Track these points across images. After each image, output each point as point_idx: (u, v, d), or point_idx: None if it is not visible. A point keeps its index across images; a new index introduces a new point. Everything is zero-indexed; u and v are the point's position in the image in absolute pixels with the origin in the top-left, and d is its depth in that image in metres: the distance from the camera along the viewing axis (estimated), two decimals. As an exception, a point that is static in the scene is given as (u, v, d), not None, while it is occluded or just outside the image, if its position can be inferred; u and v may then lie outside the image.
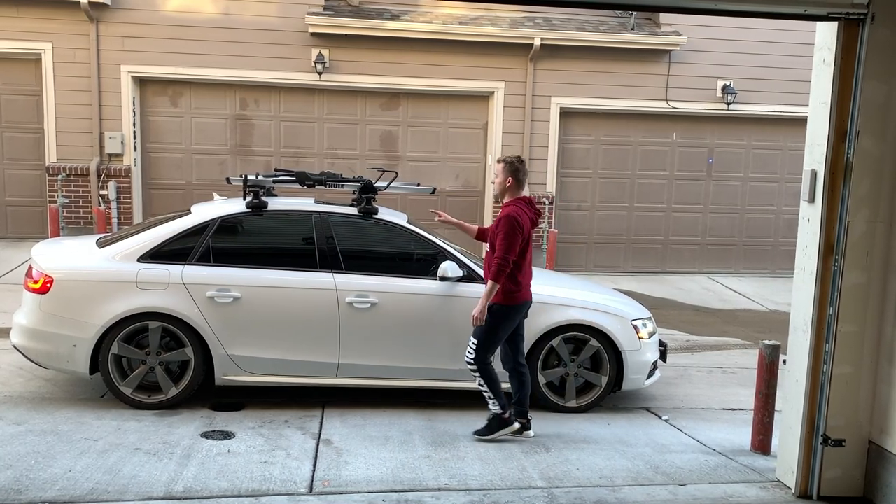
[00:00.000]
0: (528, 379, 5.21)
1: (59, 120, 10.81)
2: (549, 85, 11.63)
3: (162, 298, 5.30)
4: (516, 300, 4.97)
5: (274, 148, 11.53)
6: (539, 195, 11.72)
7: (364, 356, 5.52)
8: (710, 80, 11.95)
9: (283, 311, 5.44)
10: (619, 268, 12.38)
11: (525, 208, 5.00)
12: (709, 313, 10.23)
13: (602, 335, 5.78)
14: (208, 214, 5.61)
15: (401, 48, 11.22)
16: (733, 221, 12.67)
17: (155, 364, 5.35)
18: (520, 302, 5.00)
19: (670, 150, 12.37)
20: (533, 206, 5.09)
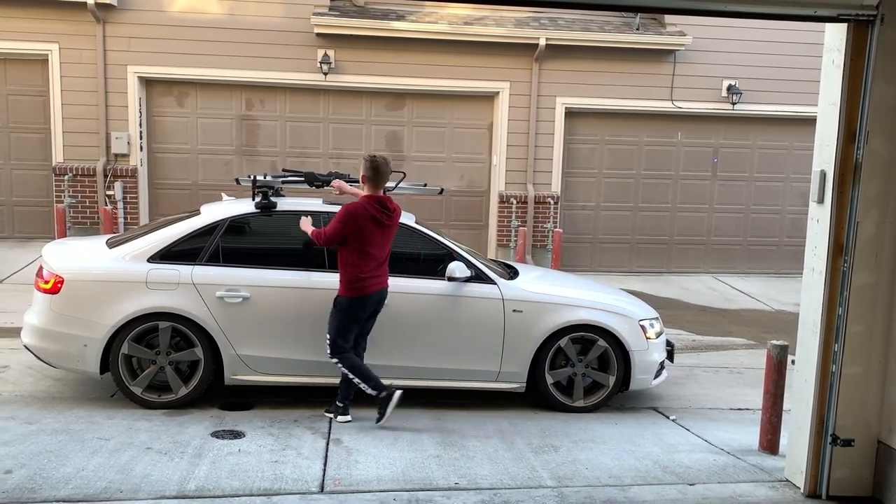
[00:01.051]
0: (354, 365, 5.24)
1: (66, 120, 10.85)
2: (554, 85, 11.64)
3: (172, 298, 5.33)
4: (359, 292, 5.09)
5: (279, 148, 11.56)
6: (544, 195, 11.75)
7: (372, 356, 5.53)
8: (715, 80, 11.96)
9: (292, 311, 5.46)
10: (624, 268, 12.39)
11: (374, 207, 5.04)
12: (714, 313, 10.24)
13: (610, 335, 5.80)
14: (218, 215, 5.64)
15: (406, 48, 11.24)
16: (738, 221, 12.67)
17: (165, 364, 5.38)
18: (362, 294, 5.10)
19: (675, 150, 12.38)
20: (385, 208, 5.12)
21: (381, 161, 5.14)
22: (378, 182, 5.14)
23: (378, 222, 5.06)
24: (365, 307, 5.16)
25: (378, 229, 5.08)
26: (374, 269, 5.12)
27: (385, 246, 5.19)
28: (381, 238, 5.12)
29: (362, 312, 5.18)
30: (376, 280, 5.17)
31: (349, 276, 5.07)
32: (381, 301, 5.27)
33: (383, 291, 5.26)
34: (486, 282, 5.72)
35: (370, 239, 5.04)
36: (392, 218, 5.18)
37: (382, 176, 5.15)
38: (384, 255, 5.21)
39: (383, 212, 5.09)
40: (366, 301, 5.14)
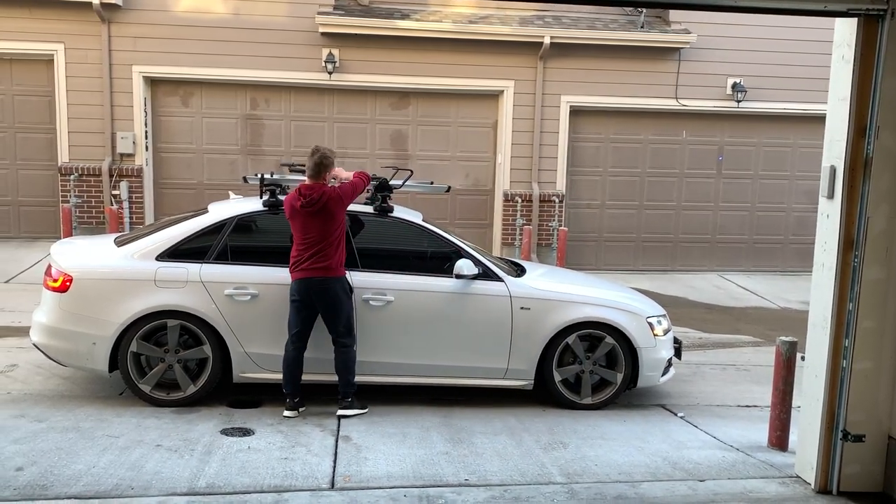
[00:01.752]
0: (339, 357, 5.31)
1: (72, 120, 10.87)
2: (559, 83, 11.64)
3: (180, 296, 5.34)
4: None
5: (284, 147, 11.57)
6: (549, 193, 11.74)
7: (380, 353, 5.54)
8: (720, 78, 11.94)
9: (300, 309, 5.46)
10: (629, 266, 12.38)
11: (294, 193, 5.25)
12: (720, 311, 10.23)
13: (617, 332, 5.79)
14: (225, 213, 5.64)
15: (411, 47, 11.24)
16: (743, 219, 12.66)
17: (173, 362, 5.38)
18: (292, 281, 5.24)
19: (680, 148, 12.36)
20: (300, 193, 5.18)
21: (312, 154, 5.27)
22: (307, 171, 5.30)
23: (293, 207, 5.19)
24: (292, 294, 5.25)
25: (295, 215, 5.21)
26: (294, 252, 5.24)
27: (298, 232, 5.24)
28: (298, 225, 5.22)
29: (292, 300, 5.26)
30: (295, 271, 5.23)
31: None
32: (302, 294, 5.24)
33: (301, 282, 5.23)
34: (494, 279, 5.72)
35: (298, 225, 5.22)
36: (301, 202, 5.17)
37: (307, 166, 5.28)
38: (300, 241, 5.23)
39: (298, 197, 5.18)
40: (292, 288, 5.25)
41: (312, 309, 5.24)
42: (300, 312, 5.24)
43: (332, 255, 5.18)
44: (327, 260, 5.15)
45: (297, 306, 5.23)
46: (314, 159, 5.19)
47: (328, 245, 5.16)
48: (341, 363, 5.33)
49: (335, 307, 5.24)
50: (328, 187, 5.21)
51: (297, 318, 5.24)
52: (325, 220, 5.14)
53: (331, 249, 5.17)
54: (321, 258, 5.14)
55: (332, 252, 5.17)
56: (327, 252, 5.15)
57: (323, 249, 5.15)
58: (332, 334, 5.31)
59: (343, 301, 5.25)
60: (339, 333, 5.30)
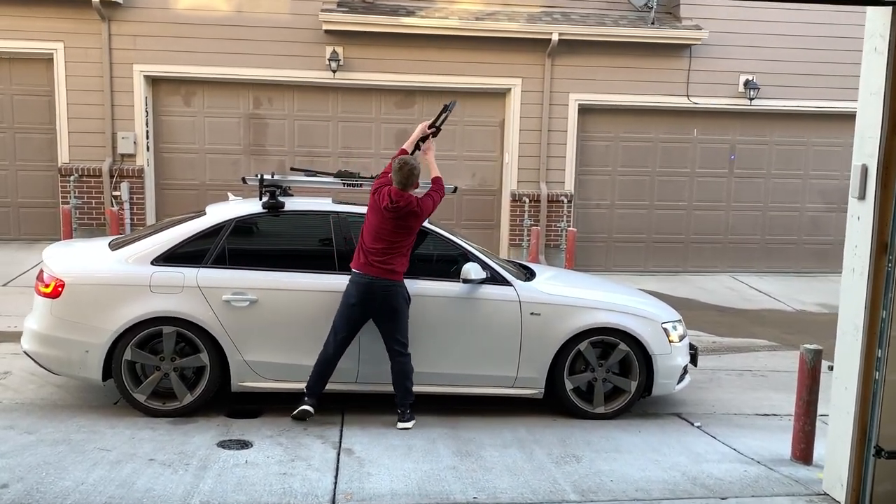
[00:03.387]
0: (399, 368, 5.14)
1: (72, 120, 10.70)
2: (568, 81, 11.40)
3: (176, 302, 5.13)
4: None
5: (288, 147, 11.37)
6: (557, 193, 11.51)
7: (385, 361, 5.30)
8: (731, 75, 11.68)
9: (300, 315, 5.25)
10: (639, 267, 12.13)
11: (384, 191, 5.17)
12: (734, 314, 9.97)
13: (631, 339, 5.56)
14: (223, 215, 5.43)
15: (416, 45, 11.03)
16: (756, 219, 12.39)
17: (169, 370, 5.17)
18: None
19: (691, 147, 12.11)
20: (391, 197, 5.09)
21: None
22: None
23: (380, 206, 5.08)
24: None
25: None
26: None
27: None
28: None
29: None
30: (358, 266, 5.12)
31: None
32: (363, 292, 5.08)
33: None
34: (502, 283, 5.49)
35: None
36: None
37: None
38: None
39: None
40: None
41: (366, 314, 5.07)
42: (353, 315, 5.06)
43: (400, 260, 5.09)
44: (394, 263, 5.04)
45: (352, 309, 5.03)
46: (403, 172, 5.06)
47: (398, 249, 5.07)
48: (401, 374, 5.14)
49: (396, 314, 5.08)
50: (415, 199, 5.11)
51: (347, 322, 5.06)
52: (401, 229, 5.07)
53: (399, 256, 5.08)
54: (389, 260, 5.03)
55: (400, 258, 5.08)
56: (396, 257, 5.05)
57: (393, 252, 5.04)
58: (388, 343, 5.12)
59: (404, 308, 5.12)
60: (397, 342, 5.12)
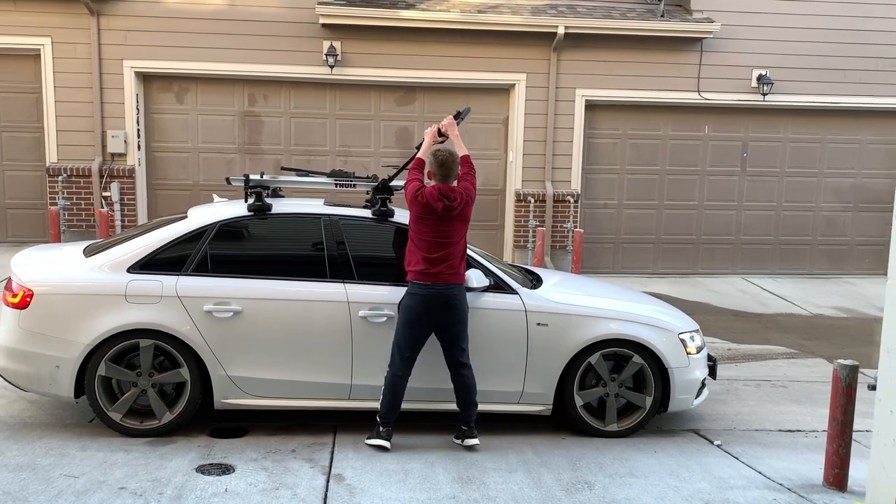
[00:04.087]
0: (466, 382, 4.74)
1: (60, 118, 10.32)
2: (574, 76, 10.98)
3: (154, 313, 4.74)
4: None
5: (284, 146, 10.98)
6: (563, 193, 11.10)
7: (380, 376, 4.91)
8: (744, 70, 11.25)
9: (288, 327, 4.86)
10: (647, 269, 11.72)
11: (433, 193, 4.71)
12: (748, 318, 9.56)
13: (646, 351, 5.16)
14: (206, 219, 5.04)
15: (416, 39, 10.63)
16: (769, 219, 11.97)
17: (147, 386, 4.79)
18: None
19: (702, 145, 11.69)
20: (443, 194, 4.67)
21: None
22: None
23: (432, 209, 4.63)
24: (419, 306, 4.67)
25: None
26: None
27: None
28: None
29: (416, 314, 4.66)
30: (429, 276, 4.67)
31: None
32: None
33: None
34: (507, 291, 5.09)
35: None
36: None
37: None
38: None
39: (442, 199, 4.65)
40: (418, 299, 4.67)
41: (432, 326, 4.69)
42: (421, 331, 4.68)
43: (462, 263, 4.74)
44: (460, 265, 4.70)
45: (419, 323, 4.64)
46: (447, 165, 4.69)
47: (460, 247, 4.74)
48: (471, 388, 4.77)
49: (463, 322, 4.73)
50: (461, 189, 4.74)
51: (415, 338, 4.68)
52: (461, 224, 4.72)
53: (462, 255, 4.76)
54: (455, 264, 4.67)
55: (462, 260, 4.74)
56: (460, 257, 4.72)
57: (457, 253, 4.70)
58: (453, 356, 4.74)
59: (467, 315, 4.76)
60: (463, 352, 4.76)
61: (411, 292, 4.66)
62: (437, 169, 4.71)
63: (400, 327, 4.67)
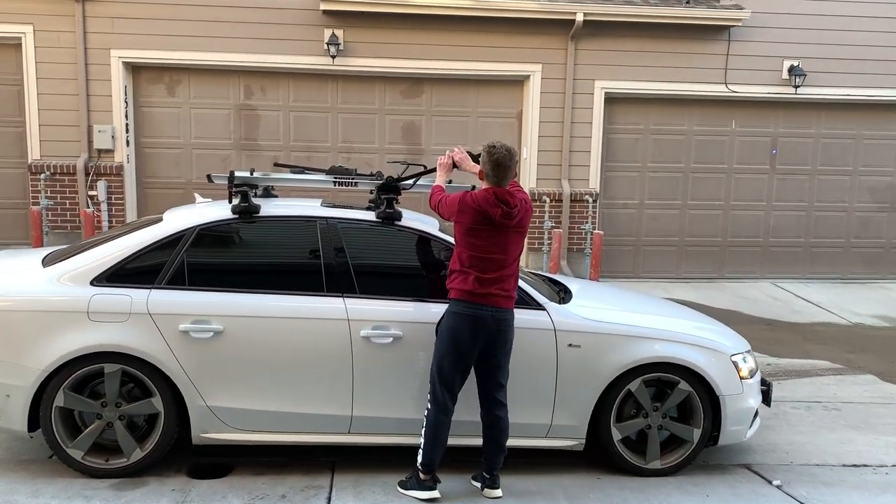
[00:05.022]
0: (500, 425, 4.05)
1: (43, 112, 9.64)
2: (593, 67, 10.26)
3: (122, 333, 4.05)
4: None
5: (283, 141, 10.29)
6: (581, 192, 10.38)
7: (384, 406, 4.24)
8: (775, 61, 10.51)
9: (278, 349, 4.16)
10: (670, 273, 11.00)
11: (489, 198, 3.98)
12: (783, 328, 8.82)
13: (694, 376, 4.45)
14: (183, 222, 4.34)
15: (424, 27, 9.92)
16: (799, 220, 11.22)
17: (114, 418, 4.10)
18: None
19: (729, 140, 10.95)
20: (500, 200, 3.95)
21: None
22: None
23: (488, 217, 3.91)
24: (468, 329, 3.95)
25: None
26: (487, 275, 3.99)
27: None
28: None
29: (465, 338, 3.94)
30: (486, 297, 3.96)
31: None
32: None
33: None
34: (533, 307, 4.39)
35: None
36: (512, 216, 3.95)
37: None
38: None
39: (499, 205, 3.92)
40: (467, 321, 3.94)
41: (477, 353, 3.97)
42: (470, 357, 3.97)
43: (517, 285, 4.09)
44: (512, 290, 4.02)
45: (466, 350, 3.92)
46: (504, 164, 4.00)
47: (517, 271, 4.07)
48: (502, 432, 4.08)
49: (508, 354, 4.06)
50: (521, 194, 4.07)
51: (465, 365, 3.97)
52: (518, 237, 4.04)
53: (517, 279, 4.09)
54: (508, 284, 3.99)
55: (517, 282, 4.09)
56: (514, 278, 4.04)
57: (512, 274, 4.01)
58: (491, 393, 4.05)
59: (512, 347, 4.08)
60: (502, 388, 4.07)
61: (455, 311, 3.93)
62: (493, 169, 3.99)
63: (444, 353, 3.93)
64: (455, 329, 3.91)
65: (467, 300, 3.90)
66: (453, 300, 3.96)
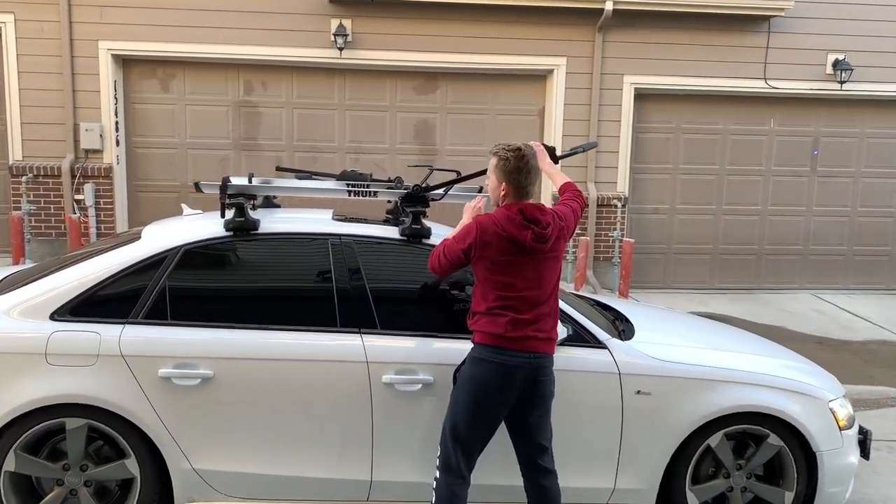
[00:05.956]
0: (550, 496, 3.23)
1: (25, 109, 8.89)
2: (622, 61, 9.47)
3: (88, 380, 3.28)
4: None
5: (286, 141, 9.53)
6: (609, 196, 9.59)
7: (411, 469, 3.46)
8: (818, 54, 9.71)
9: (281, 399, 3.39)
10: (703, 284, 10.20)
11: (515, 218, 3.14)
12: (835, 347, 8.02)
13: (787, 427, 3.66)
14: (166, 241, 3.56)
15: (439, 17, 9.15)
16: (842, 226, 10.42)
17: (78, 485, 3.33)
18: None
19: (767, 141, 10.15)
20: (528, 218, 3.12)
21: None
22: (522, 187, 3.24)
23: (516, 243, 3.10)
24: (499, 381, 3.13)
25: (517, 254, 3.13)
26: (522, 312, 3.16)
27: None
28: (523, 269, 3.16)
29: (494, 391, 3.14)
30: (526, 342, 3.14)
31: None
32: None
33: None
34: (590, 344, 3.60)
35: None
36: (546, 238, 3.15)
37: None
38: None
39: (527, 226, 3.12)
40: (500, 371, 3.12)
41: (506, 409, 3.16)
42: (497, 415, 3.16)
43: (557, 323, 3.27)
44: (552, 331, 3.21)
45: (492, 403, 3.12)
46: (524, 170, 3.18)
47: (555, 303, 3.25)
48: (556, 499, 3.27)
49: (549, 409, 3.27)
50: (554, 211, 3.26)
51: (486, 425, 3.17)
52: (555, 263, 3.25)
53: (556, 316, 3.27)
54: (547, 323, 3.19)
55: (557, 319, 3.27)
56: (553, 316, 3.23)
57: (551, 311, 3.22)
58: (532, 456, 3.25)
59: (552, 400, 3.29)
60: (545, 454, 3.27)
61: (480, 357, 3.12)
62: (516, 177, 3.17)
63: (463, 408, 3.13)
64: (479, 379, 3.10)
65: (497, 345, 3.08)
66: (478, 345, 3.14)
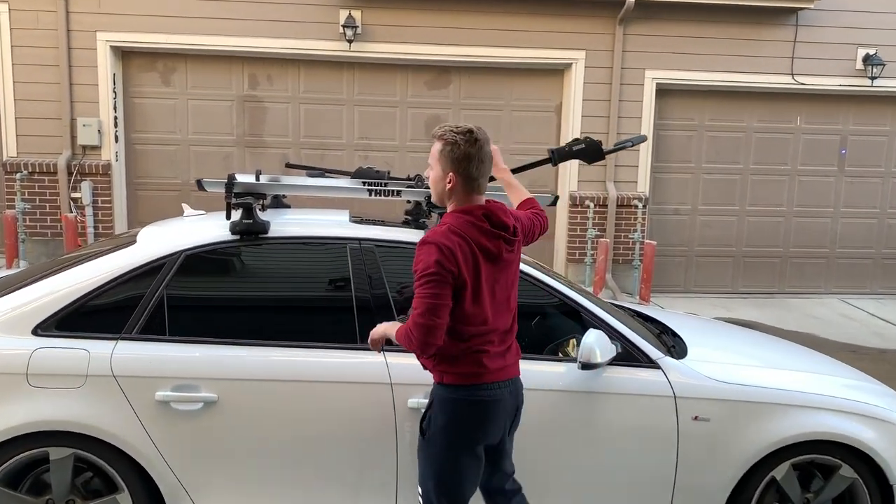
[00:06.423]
0: None
1: (20, 103, 8.51)
2: (643, 55, 9.07)
3: (75, 404, 2.89)
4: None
5: (292, 137, 9.14)
6: (629, 196, 9.19)
7: (441, 501, 3.05)
8: (848, 49, 9.31)
9: (294, 426, 2.99)
10: (726, 288, 9.80)
11: (476, 228, 2.58)
12: (871, 356, 7.61)
13: (859, 457, 3.26)
14: (164, 246, 3.16)
15: (452, 8, 8.77)
16: (871, 229, 10.02)
17: (64, 522, 2.94)
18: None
19: (793, 139, 9.75)
20: (494, 222, 2.62)
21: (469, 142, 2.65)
22: (474, 181, 2.67)
23: (494, 254, 2.61)
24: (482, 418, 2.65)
25: (493, 268, 2.63)
26: (498, 342, 2.69)
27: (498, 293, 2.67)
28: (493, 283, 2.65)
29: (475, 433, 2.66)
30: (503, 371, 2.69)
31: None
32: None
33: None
34: (643, 363, 3.20)
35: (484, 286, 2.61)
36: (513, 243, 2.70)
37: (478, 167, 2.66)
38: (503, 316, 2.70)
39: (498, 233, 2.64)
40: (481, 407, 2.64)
41: (486, 445, 2.71)
42: (482, 451, 2.68)
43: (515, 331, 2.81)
44: (517, 347, 2.78)
45: (478, 446, 2.64)
46: (483, 150, 2.65)
47: (515, 318, 2.77)
48: None
49: (518, 423, 2.84)
50: (510, 211, 2.78)
51: (475, 471, 2.67)
52: (516, 265, 2.76)
53: (516, 325, 2.78)
54: (514, 344, 2.76)
55: (516, 328, 2.79)
56: (515, 330, 2.77)
57: (515, 327, 2.76)
58: (502, 480, 2.82)
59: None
60: (513, 469, 2.87)
61: (459, 399, 2.60)
62: (461, 166, 2.61)
63: (448, 462, 2.61)
64: (464, 423, 2.60)
65: (475, 383, 2.60)
66: (452, 386, 2.62)
